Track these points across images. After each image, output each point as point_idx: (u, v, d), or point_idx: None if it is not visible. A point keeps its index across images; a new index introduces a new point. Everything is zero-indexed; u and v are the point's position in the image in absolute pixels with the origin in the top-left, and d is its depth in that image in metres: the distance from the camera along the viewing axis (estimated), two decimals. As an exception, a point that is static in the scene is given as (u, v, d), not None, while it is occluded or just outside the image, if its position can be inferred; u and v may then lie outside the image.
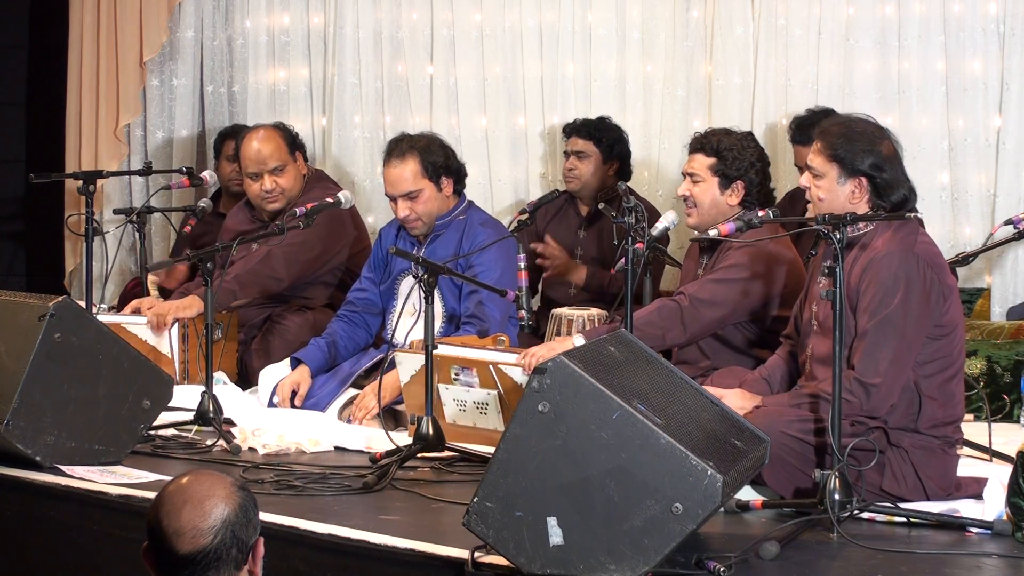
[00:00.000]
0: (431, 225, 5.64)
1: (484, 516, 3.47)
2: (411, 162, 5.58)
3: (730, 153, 5.03)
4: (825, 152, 4.35)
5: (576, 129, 6.61)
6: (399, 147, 5.63)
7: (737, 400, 4.34)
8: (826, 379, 4.14)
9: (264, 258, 6.01)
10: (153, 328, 5.83)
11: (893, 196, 4.30)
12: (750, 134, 5.20)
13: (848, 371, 4.15)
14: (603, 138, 6.55)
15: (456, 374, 5.03)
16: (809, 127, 5.93)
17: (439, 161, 5.60)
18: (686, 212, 5.13)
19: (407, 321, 5.27)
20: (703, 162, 5.06)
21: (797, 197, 6.09)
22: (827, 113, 6.12)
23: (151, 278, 6.64)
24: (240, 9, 7.69)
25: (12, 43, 8.23)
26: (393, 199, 5.62)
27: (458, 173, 5.68)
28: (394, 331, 5.44)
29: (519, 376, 4.86)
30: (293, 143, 6.24)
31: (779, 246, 5.02)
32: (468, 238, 5.59)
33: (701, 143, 5.09)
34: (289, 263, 6.05)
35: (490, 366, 4.94)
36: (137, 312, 5.95)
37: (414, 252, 5.60)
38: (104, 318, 5.77)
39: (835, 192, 4.32)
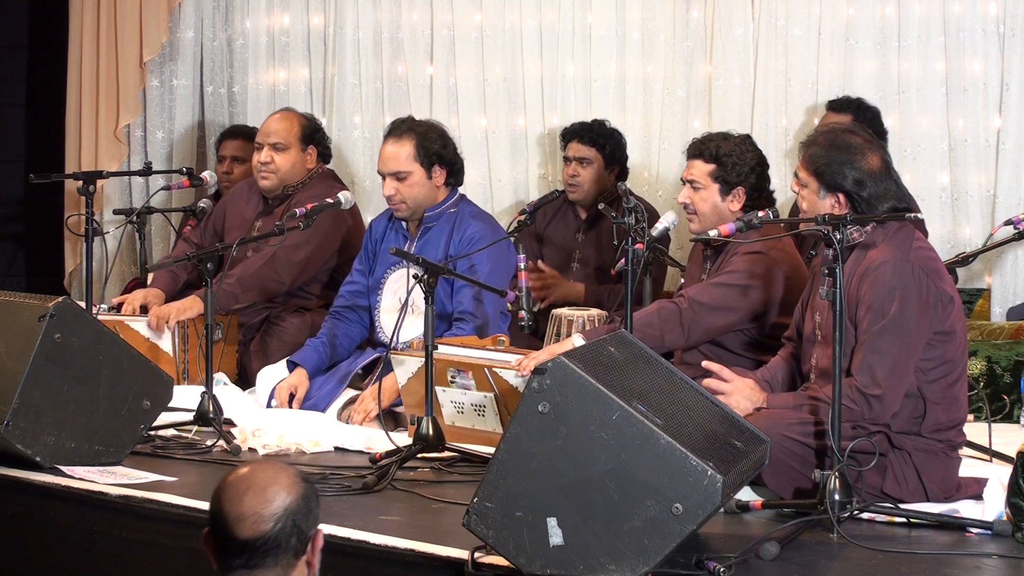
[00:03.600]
0: (416, 211, 5.61)
1: (484, 516, 3.47)
2: (407, 143, 5.58)
3: (729, 159, 4.96)
4: (807, 165, 4.34)
5: (577, 134, 6.54)
6: (400, 127, 5.65)
7: (745, 390, 4.33)
8: (830, 388, 4.11)
9: (268, 262, 6.02)
10: (153, 330, 5.84)
11: (873, 212, 4.26)
12: (748, 137, 5.14)
13: (849, 379, 4.13)
14: (605, 144, 6.51)
15: (452, 377, 5.02)
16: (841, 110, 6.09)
17: (434, 148, 5.59)
18: (688, 219, 5.09)
19: (390, 317, 5.24)
20: (702, 168, 5.00)
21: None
22: (859, 104, 6.17)
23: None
24: (240, 9, 7.69)
25: (12, 43, 8.23)
26: (383, 176, 5.63)
27: (452, 165, 5.66)
28: (381, 327, 5.42)
29: (514, 379, 4.85)
30: (309, 135, 6.26)
31: (783, 252, 4.98)
32: (459, 231, 5.58)
33: (700, 149, 5.02)
34: (290, 265, 6.06)
35: (485, 369, 4.93)
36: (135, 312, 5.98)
37: (406, 246, 5.61)
38: (104, 316, 5.78)
39: (816, 204, 4.31)
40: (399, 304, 4.99)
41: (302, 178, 6.23)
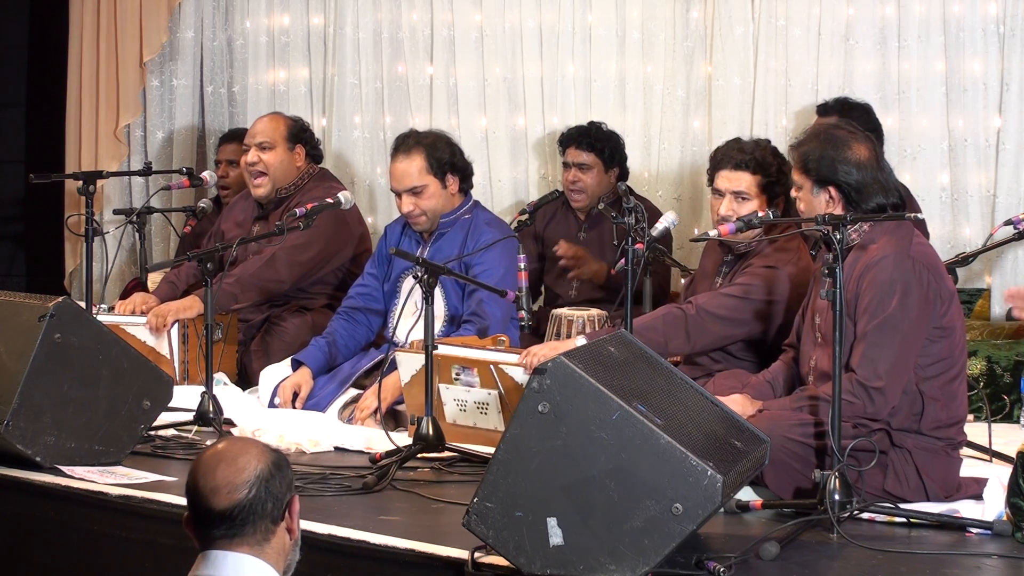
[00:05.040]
0: (435, 222, 5.64)
1: (484, 516, 3.47)
2: (417, 158, 5.59)
3: (772, 168, 4.91)
4: (798, 164, 4.36)
5: (574, 140, 6.51)
6: (406, 142, 5.65)
7: (738, 406, 4.31)
8: (829, 386, 4.11)
9: (268, 262, 6.02)
10: (153, 330, 5.84)
11: (866, 203, 4.26)
12: (769, 142, 5.09)
13: (849, 374, 4.13)
14: (604, 148, 6.50)
15: (457, 374, 5.03)
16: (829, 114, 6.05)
17: (445, 158, 5.61)
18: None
19: (408, 321, 5.28)
20: (750, 180, 4.90)
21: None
22: (843, 103, 6.15)
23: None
24: (240, 9, 7.69)
25: (12, 43, 8.24)
26: (398, 194, 5.64)
27: (464, 171, 5.69)
28: (395, 330, 5.44)
29: (520, 376, 4.86)
30: (296, 135, 6.28)
31: (798, 268, 4.91)
32: (472, 237, 5.59)
33: (742, 160, 4.90)
34: (291, 265, 6.06)
35: (491, 366, 4.95)
36: (134, 313, 5.98)
37: (418, 250, 5.62)
38: (104, 319, 5.78)
39: (812, 203, 4.33)
40: (415, 307, 5.02)
41: (294, 179, 6.24)
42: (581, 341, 4.81)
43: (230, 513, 2.79)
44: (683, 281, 6.37)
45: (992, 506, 4.05)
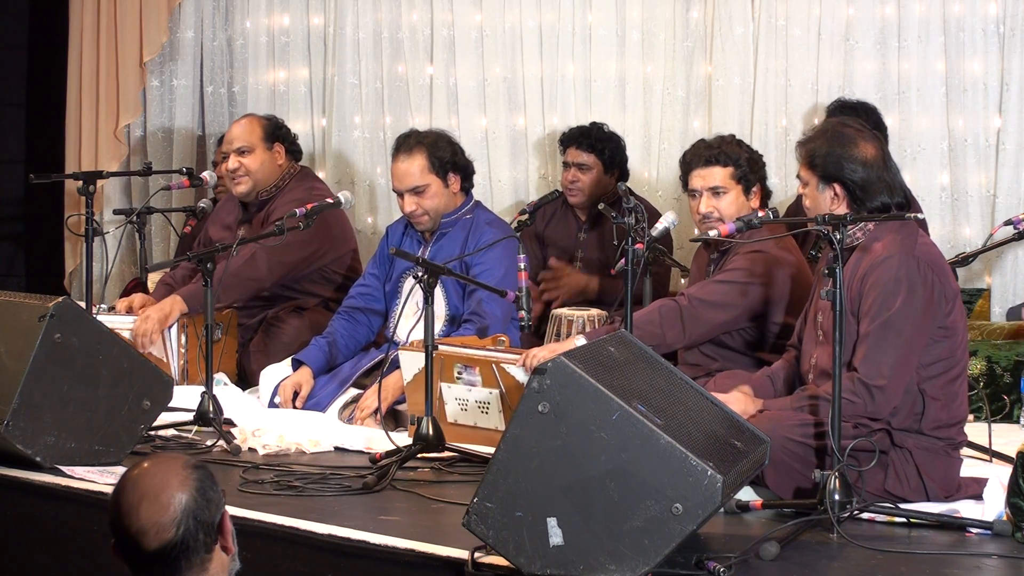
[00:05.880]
0: (437, 221, 5.64)
1: (484, 516, 3.47)
2: (419, 157, 5.59)
3: (741, 158, 4.99)
4: (804, 160, 4.37)
5: (575, 140, 6.51)
6: (407, 142, 5.65)
7: (739, 405, 4.31)
8: (829, 384, 4.11)
9: (248, 260, 5.97)
10: (144, 348, 5.74)
11: (871, 202, 4.27)
12: (733, 136, 5.17)
13: (851, 373, 4.14)
14: (604, 148, 6.49)
15: (459, 373, 5.04)
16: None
17: (446, 157, 5.61)
18: (713, 228, 5.01)
19: (409, 321, 5.28)
20: (722, 173, 4.98)
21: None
22: (856, 106, 6.14)
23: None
24: (240, 9, 7.70)
25: (12, 43, 8.24)
26: (400, 194, 5.64)
27: (465, 170, 5.69)
28: (395, 330, 5.45)
29: (522, 375, 4.86)
30: (273, 134, 6.24)
31: (786, 251, 4.99)
32: (474, 237, 5.59)
33: (711, 156, 5.00)
34: (272, 265, 6.01)
35: (493, 365, 4.95)
36: (130, 311, 5.96)
37: (420, 250, 5.62)
38: (104, 319, 5.78)
39: (817, 200, 4.33)
40: (416, 307, 5.02)
41: (276, 180, 6.21)
42: (581, 341, 4.81)
43: (162, 552, 2.67)
44: (683, 282, 6.38)
45: (992, 506, 4.04)
